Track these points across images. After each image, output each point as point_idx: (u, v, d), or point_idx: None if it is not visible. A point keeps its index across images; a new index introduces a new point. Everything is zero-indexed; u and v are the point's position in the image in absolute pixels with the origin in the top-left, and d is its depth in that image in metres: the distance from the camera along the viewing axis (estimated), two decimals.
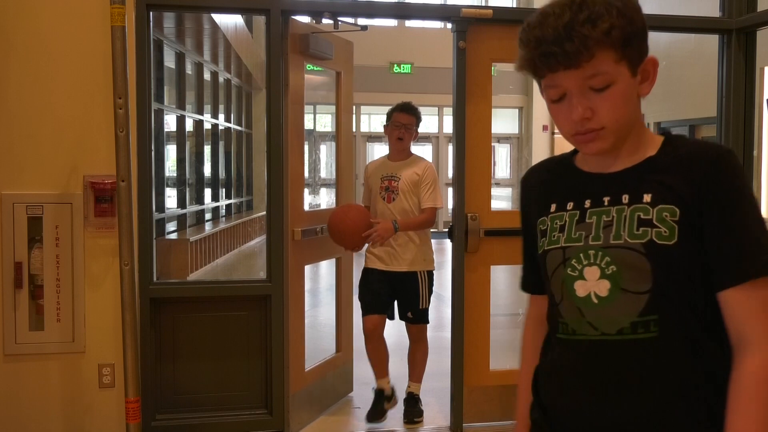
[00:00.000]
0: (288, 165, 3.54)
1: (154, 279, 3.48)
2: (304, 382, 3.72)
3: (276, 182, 3.50)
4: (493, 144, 4.04)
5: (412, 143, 3.96)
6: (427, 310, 3.86)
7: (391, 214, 3.77)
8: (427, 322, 3.92)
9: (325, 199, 12.74)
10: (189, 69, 9.94)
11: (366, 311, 3.84)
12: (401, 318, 3.90)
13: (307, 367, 3.81)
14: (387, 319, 3.90)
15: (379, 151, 17.48)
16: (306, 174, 4.17)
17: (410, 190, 3.81)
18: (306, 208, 4.03)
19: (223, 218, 11.99)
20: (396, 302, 3.92)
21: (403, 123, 3.85)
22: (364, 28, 3.78)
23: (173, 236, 8.90)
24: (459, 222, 3.70)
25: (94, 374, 3.35)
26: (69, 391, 3.34)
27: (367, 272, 3.88)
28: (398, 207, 3.80)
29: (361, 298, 3.87)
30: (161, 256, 6.35)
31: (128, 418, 3.08)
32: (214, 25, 8.52)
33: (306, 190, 4.11)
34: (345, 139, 4.30)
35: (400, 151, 3.89)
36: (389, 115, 3.90)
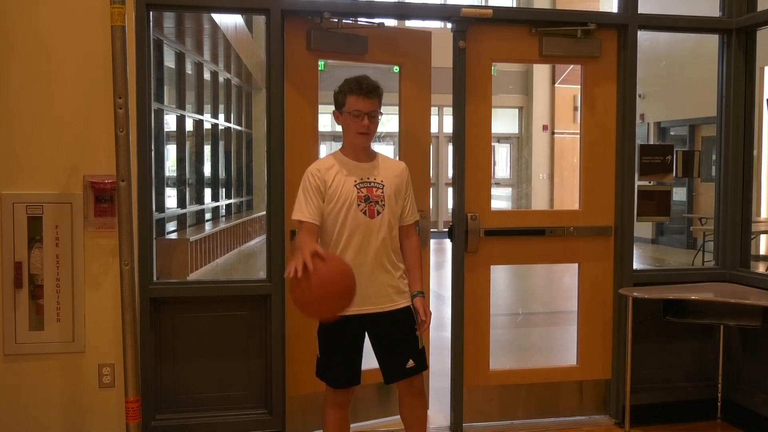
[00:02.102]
0: (286, 165, 3.53)
1: (154, 279, 3.48)
2: (320, 388, 3.66)
3: (276, 182, 3.50)
4: (493, 144, 4.03)
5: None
6: (425, 349, 2.93)
7: (377, 234, 2.77)
8: (428, 367, 2.99)
9: None
10: (189, 69, 9.94)
11: (336, 383, 2.86)
12: (392, 378, 2.86)
13: None
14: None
15: (380, 151, 17.43)
16: None
17: (395, 198, 2.86)
18: None
19: (223, 218, 11.99)
20: (382, 357, 2.86)
21: (365, 112, 2.79)
22: (381, 24, 3.63)
23: (173, 236, 8.90)
24: (459, 222, 3.70)
25: (94, 374, 3.35)
26: (69, 391, 3.34)
27: (334, 323, 2.66)
28: (385, 224, 2.80)
29: (326, 363, 2.85)
30: (161, 256, 6.36)
31: (128, 418, 3.08)
32: (214, 25, 8.52)
33: None
34: (413, 140, 3.83)
35: (363, 149, 2.87)
36: (341, 99, 2.81)
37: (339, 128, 2.89)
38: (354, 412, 3.64)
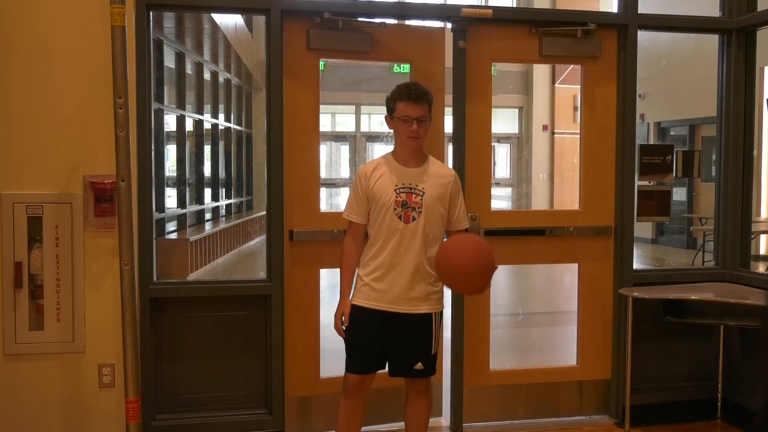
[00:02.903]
0: (286, 165, 3.53)
1: (154, 279, 3.48)
2: (320, 389, 3.67)
3: (276, 182, 3.50)
4: (493, 144, 4.03)
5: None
6: (437, 355, 3.01)
7: (410, 240, 2.86)
8: (435, 372, 3.05)
9: None
10: (189, 69, 9.94)
11: (354, 368, 2.97)
12: (397, 373, 2.99)
13: (323, 374, 3.65)
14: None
15: (380, 151, 17.47)
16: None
17: (435, 207, 2.90)
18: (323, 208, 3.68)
19: (223, 218, 11.99)
20: (394, 352, 2.96)
21: (414, 117, 2.88)
22: (383, 24, 3.61)
23: (173, 236, 8.90)
24: None
25: (94, 374, 3.35)
26: (69, 391, 3.34)
27: (359, 313, 2.92)
28: (420, 231, 2.87)
29: (350, 351, 2.98)
30: (161, 256, 6.36)
31: (128, 418, 3.08)
32: (214, 25, 8.53)
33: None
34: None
35: (414, 153, 2.94)
36: (391, 105, 2.94)
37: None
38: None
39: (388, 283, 2.88)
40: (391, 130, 2.99)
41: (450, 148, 3.78)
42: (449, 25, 3.71)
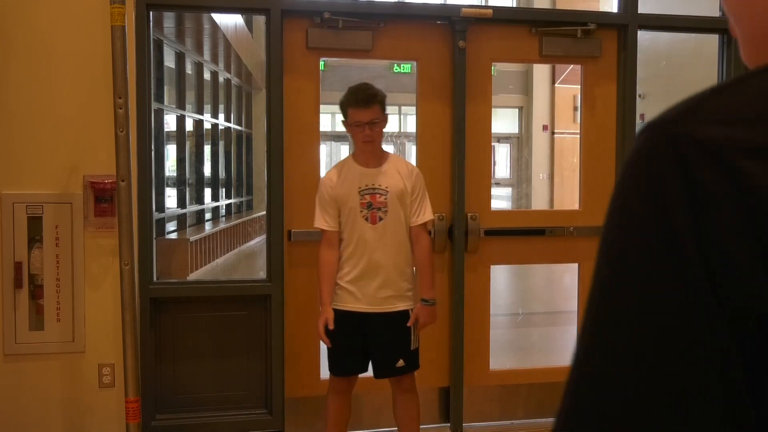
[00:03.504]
0: (286, 165, 3.53)
1: (154, 279, 3.48)
2: (320, 389, 3.65)
3: (276, 182, 3.50)
4: (493, 144, 4.03)
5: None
6: (418, 350, 3.03)
7: (379, 240, 2.90)
8: (419, 367, 3.07)
9: None
10: (189, 69, 9.94)
11: (338, 371, 3.03)
12: (382, 374, 3.02)
13: (323, 374, 3.65)
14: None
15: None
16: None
17: (400, 203, 2.94)
18: None
19: (223, 218, 11.99)
20: (375, 353, 3.01)
21: (364, 121, 2.88)
22: (382, 24, 3.60)
23: (173, 236, 8.90)
24: (459, 222, 3.70)
25: (94, 374, 3.35)
26: (69, 391, 3.34)
27: (338, 316, 2.95)
28: (388, 230, 2.91)
29: (331, 355, 3.02)
30: (161, 256, 6.35)
31: (128, 418, 3.08)
32: (214, 25, 8.52)
33: None
34: (431, 140, 3.76)
35: (372, 154, 2.95)
36: (343, 111, 2.94)
37: (339, 128, 3.00)
38: (361, 419, 3.65)
39: (362, 284, 2.92)
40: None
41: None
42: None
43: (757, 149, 0.40)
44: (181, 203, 9.75)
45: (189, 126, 10.15)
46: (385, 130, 3.01)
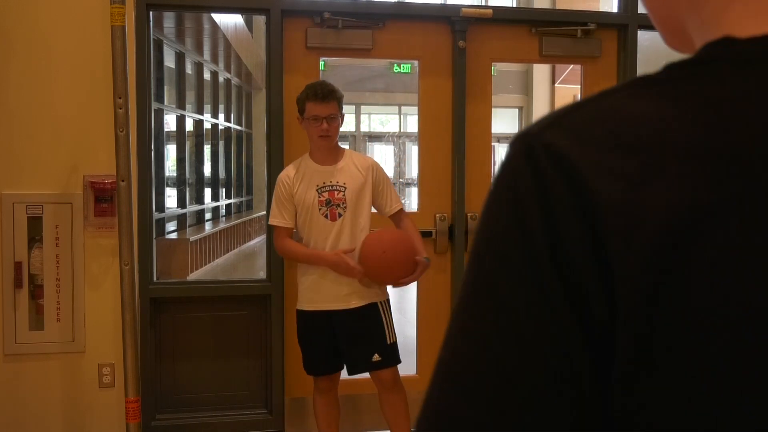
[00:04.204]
0: (286, 165, 3.53)
1: (154, 279, 3.48)
2: None
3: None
4: (493, 144, 4.03)
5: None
6: (396, 344, 3.00)
7: (338, 237, 2.91)
8: (400, 361, 3.03)
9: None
10: (189, 69, 9.94)
11: (313, 372, 3.07)
12: (355, 370, 3.02)
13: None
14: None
15: (380, 151, 17.44)
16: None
17: (358, 198, 2.94)
18: None
19: (223, 218, 11.99)
20: (346, 350, 2.99)
21: (323, 116, 2.90)
22: (382, 24, 3.61)
23: (173, 236, 8.90)
24: (459, 222, 3.70)
25: (94, 374, 3.35)
26: (69, 391, 3.34)
27: (305, 318, 2.99)
28: (348, 225, 2.92)
29: (305, 355, 3.06)
30: (161, 256, 6.35)
31: (128, 418, 3.08)
32: (214, 25, 8.52)
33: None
34: (432, 140, 3.76)
35: (328, 151, 2.97)
36: (301, 106, 2.95)
37: (342, 127, 3.00)
38: (360, 421, 3.65)
39: (326, 282, 2.91)
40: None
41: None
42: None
43: (599, 164, 0.43)
44: (181, 203, 9.75)
45: (189, 126, 10.15)
46: (385, 130, 3.01)
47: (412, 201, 12.47)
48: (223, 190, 12.50)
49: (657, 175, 0.42)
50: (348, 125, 16.31)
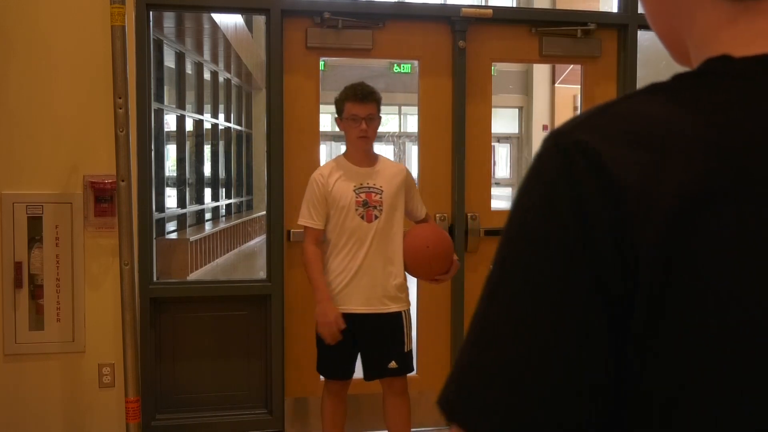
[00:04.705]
0: (286, 165, 3.54)
1: (154, 279, 3.48)
2: (320, 389, 3.62)
3: (276, 182, 3.50)
4: (493, 144, 4.03)
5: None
6: (411, 352, 3.00)
7: (374, 239, 2.88)
8: (413, 370, 3.05)
9: None
10: (189, 69, 9.94)
11: (330, 374, 3.03)
12: (372, 375, 3.00)
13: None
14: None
15: (380, 151, 17.39)
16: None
17: (393, 202, 2.93)
18: None
19: (223, 218, 11.98)
20: (365, 355, 2.99)
21: (362, 116, 2.90)
22: (382, 24, 3.62)
23: (173, 236, 8.90)
24: (459, 222, 3.71)
25: (94, 374, 3.35)
26: (69, 391, 3.34)
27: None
28: (383, 228, 2.89)
29: (322, 356, 3.00)
30: (161, 256, 6.35)
31: (128, 418, 3.08)
32: (214, 25, 8.52)
33: None
34: (432, 140, 3.75)
35: (365, 152, 2.97)
36: (339, 107, 2.95)
37: (339, 128, 2.99)
38: (360, 421, 3.65)
39: (355, 284, 2.88)
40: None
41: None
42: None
43: (620, 155, 0.51)
44: (181, 203, 9.75)
45: (189, 126, 10.15)
46: (385, 130, 3.02)
47: None
48: (223, 190, 12.50)
49: (667, 164, 0.50)
50: None
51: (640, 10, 3.85)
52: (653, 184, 0.49)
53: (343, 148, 3.15)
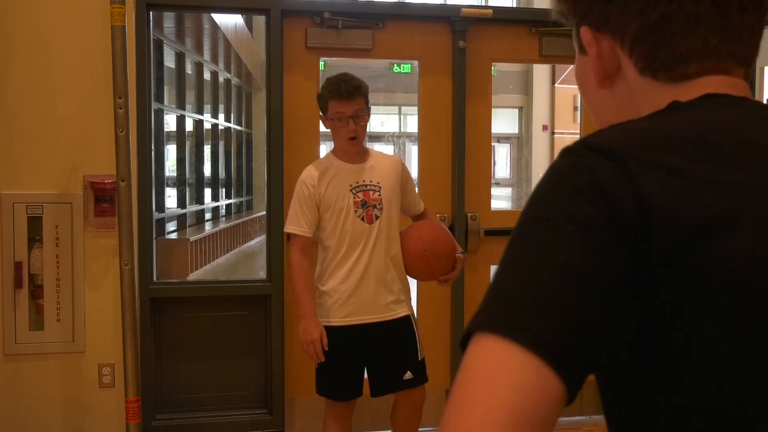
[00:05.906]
0: (286, 165, 3.54)
1: (154, 279, 3.48)
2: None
3: (276, 182, 3.50)
4: (493, 144, 4.03)
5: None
6: (424, 360, 2.77)
7: (377, 240, 2.64)
8: (427, 380, 2.79)
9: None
10: (189, 69, 9.94)
11: (338, 396, 2.72)
12: (383, 390, 2.74)
13: None
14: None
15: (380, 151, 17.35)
16: None
17: (392, 199, 2.69)
18: None
19: (223, 218, 11.99)
20: (376, 369, 2.72)
21: (349, 115, 2.60)
22: (382, 24, 3.63)
23: (173, 236, 8.90)
24: (459, 222, 3.71)
25: (94, 374, 3.35)
26: (69, 391, 3.34)
27: (333, 334, 2.62)
28: (385, 228, 2.65)
29: (327, 376, 2.71)
30: (161, 256, 6.36)
31: (128, 418, 3.08)
32: (214, 25, 8.52)
33: None
34: (432, 141, 3.75)
35: (357, 151, 2.70)
36: (322, 105, 2.66)
37: (325, 127, 2.81)
38: (360, 421, 3.64)
39: (360, 292, 2.62)
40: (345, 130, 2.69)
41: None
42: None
43: (637, 158, 0.59)
44: (181, 203, 9.75)
45: (189, 126, 10.15)
46: (385, 130, 2.95)
47: None
48: (223, 190, 12.50)
49: (677, 167, 0.59)
50: None
51: None
52: (667, 182, 0.57)
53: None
